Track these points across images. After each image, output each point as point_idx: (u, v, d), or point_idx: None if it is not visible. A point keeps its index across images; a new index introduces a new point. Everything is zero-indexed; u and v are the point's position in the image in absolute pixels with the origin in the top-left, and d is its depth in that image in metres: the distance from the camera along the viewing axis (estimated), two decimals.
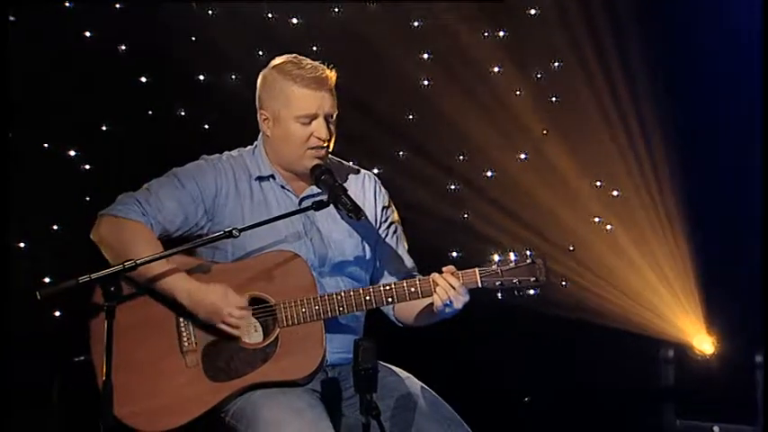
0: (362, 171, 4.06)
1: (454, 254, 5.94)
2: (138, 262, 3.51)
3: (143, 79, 5.49)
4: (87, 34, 5.38)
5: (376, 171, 5.77)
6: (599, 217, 5.96)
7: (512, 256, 3.69)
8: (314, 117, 3.79)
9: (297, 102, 3.79)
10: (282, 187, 3.90)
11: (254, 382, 3.66)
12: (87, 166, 5.34)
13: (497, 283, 3.68)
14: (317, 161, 3.82)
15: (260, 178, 3.89)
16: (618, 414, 5.67)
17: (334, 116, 3.85)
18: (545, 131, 5.99)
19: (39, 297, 3.41)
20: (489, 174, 5.98)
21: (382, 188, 4.05)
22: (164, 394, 3.63)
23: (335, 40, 5.68)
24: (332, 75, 3.85)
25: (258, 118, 3.92)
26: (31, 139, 5.30)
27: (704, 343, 5.59)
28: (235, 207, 3.83)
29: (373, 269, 3.96)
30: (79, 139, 5.30)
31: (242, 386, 3.66)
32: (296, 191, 3.91)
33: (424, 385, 3.83)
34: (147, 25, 5.37)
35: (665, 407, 5.62)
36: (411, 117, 5.88)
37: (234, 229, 3.60)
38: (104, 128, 5.38)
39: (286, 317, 3.68)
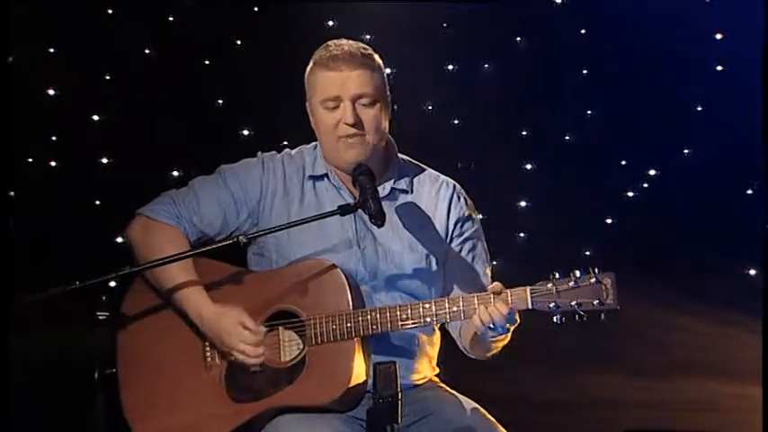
0: (442, 178, 3.64)
1: (752, 271, 5.16)
2: (133, 270, 3.31)
3: (388, 70, 5.20)
4: (329, 23, 5.23)
5: (653, 173, 5.29)
6: None
7: (576, 274, 3.23)
8: (338, 100, 3.42)
9: (319, 85, 3.45)
10: (338, 189, 3.52)
11: (276, 406, 3.31)
12: None
13: (551, 305, 3.23)
14: (352, 152, 3.43)
15: (313, 177, 3.55)
16: None
17: (372, 99, 3.40)
18: None
19: (24, 303, 3.22)
20: None
21: (462, 198, 3.60)
22: (184, 412, 3.38)
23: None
24: (357, 52, 3.41)
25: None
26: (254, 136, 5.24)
27: None
28: (281, 210, 3.52)
29: (443, 287, 3.54)
30: (290, 133, 5.09)
31: (264, 409, 3.32)
32: (354, 193, 3.50)
33: (489, 417, 3.42)
34: (394, 18, 5.17)
35: None
36: (700, 109, 5.24)
37: (242, 235, 3.34)
38: None
39: (315, 334, 3.32)
